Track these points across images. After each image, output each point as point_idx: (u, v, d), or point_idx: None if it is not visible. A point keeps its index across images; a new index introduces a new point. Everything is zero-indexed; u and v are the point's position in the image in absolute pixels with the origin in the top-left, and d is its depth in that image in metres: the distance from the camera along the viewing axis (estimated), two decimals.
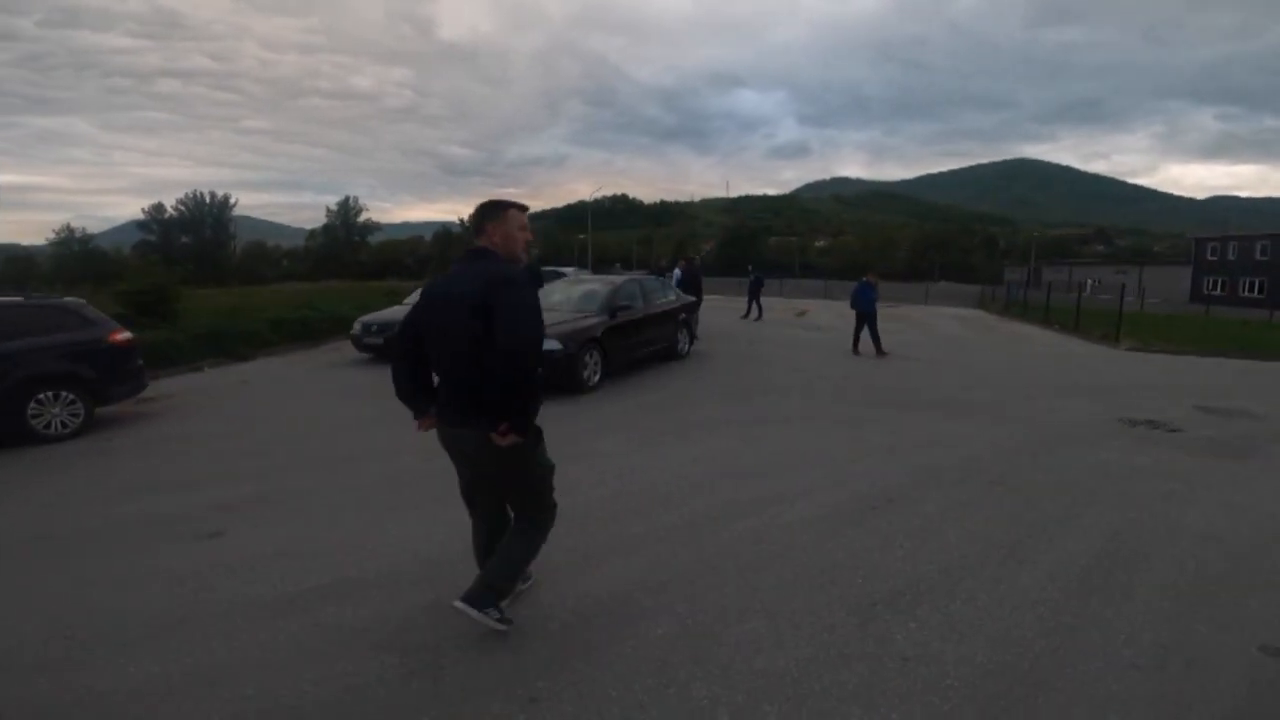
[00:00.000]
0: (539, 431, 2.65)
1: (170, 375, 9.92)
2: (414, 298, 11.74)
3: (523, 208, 2.66)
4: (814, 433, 6.27)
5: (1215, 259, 51.01)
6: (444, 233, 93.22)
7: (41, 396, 6.23)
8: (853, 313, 12.27)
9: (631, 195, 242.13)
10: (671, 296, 10.87)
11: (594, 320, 8.66)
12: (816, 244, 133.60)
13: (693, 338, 11.25)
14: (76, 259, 68.34)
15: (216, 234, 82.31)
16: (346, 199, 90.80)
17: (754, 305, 18.61)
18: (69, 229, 77.91)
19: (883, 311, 12.99)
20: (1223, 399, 8.38)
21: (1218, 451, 5.77)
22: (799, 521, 4.00)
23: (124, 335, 7.05)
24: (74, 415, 6.41)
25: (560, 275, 15.65)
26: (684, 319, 10.87)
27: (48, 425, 6.24)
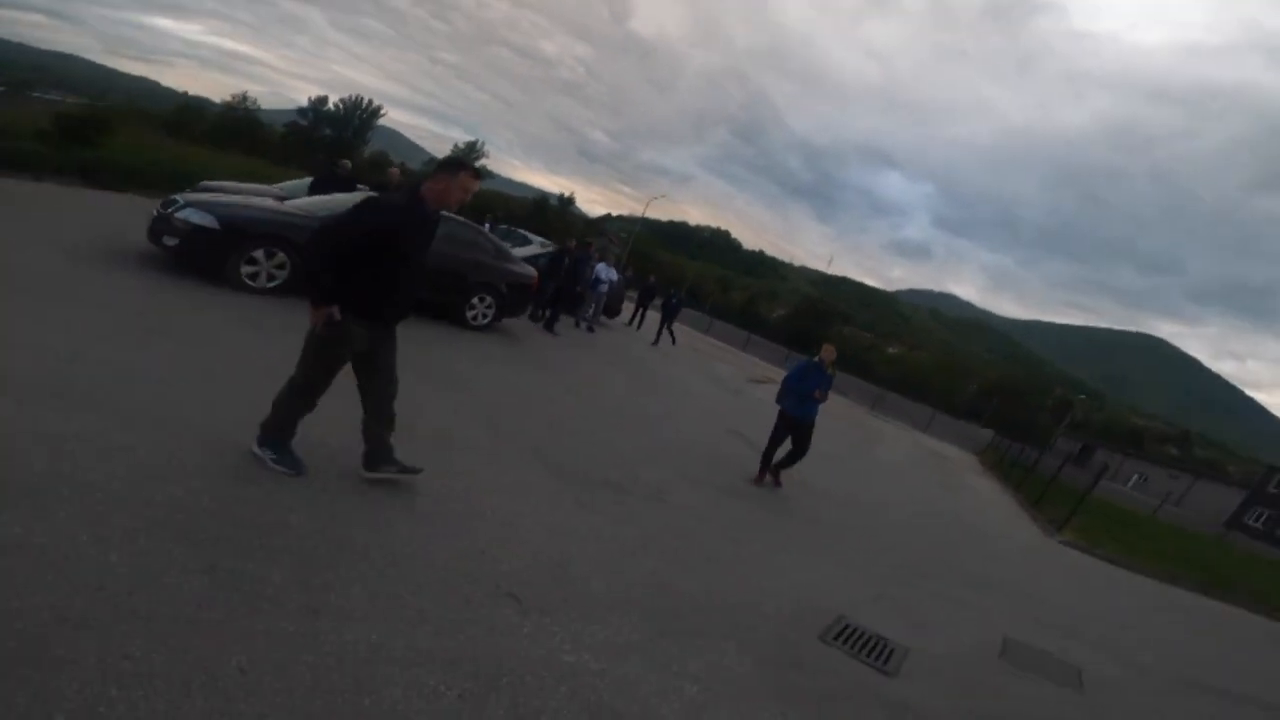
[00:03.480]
0: (332, 323, 2.89)
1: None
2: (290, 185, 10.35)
3: (477, 175, 3.04)
4: None
5: (1278, 492, 43.87)
6: (541, 200, 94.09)
7: None
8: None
9: (734, 234, 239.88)
10: (493, 261, 8.54)
11: (300, 223, 6.54)
12: (889, 350, 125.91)
13: (500, 314, 8.82)
14: (233, 120, 73.16)
15: (355, 136, 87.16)
16: (474, 141, 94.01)
17: (665, 330, 16.05)
18: (244, 96, 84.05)
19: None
20: (1079, 632, 5.37)
21: None
22: None
23: None
24: None
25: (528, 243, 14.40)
26: (498, 288, 8.52)
27: None
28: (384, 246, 2.87)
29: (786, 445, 6.73)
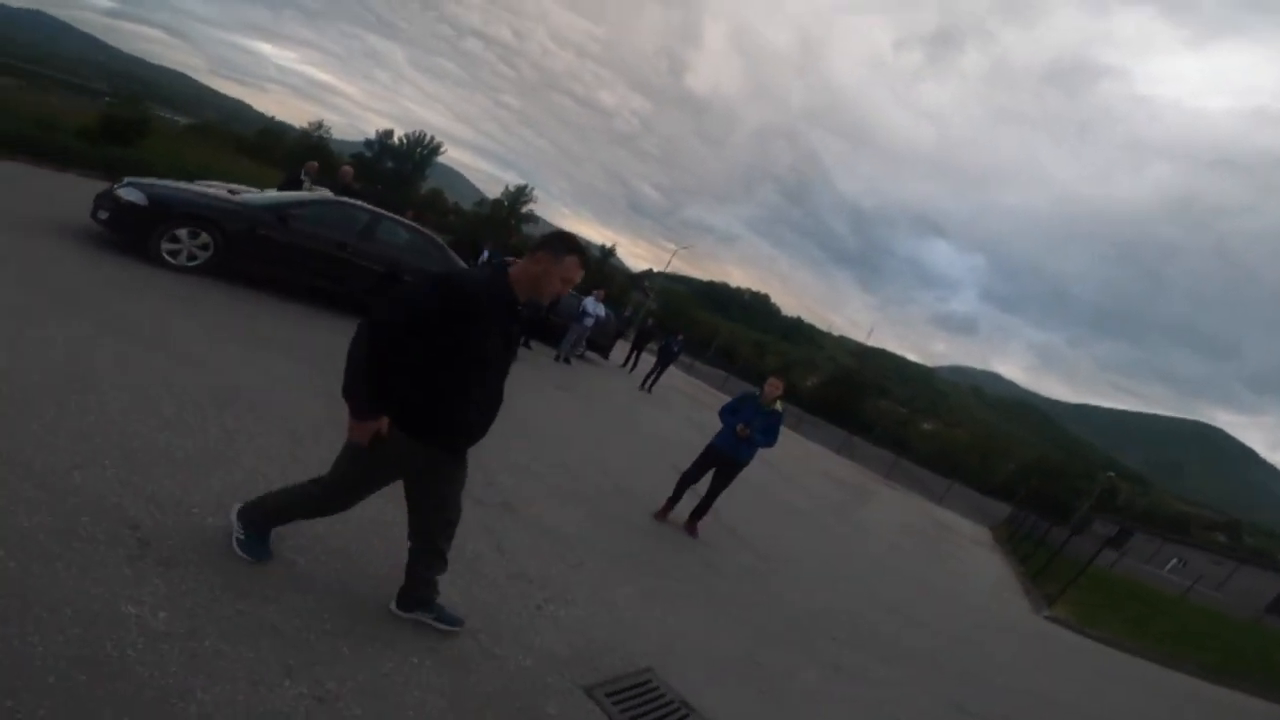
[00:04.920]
0: (399, 441, 2.23)
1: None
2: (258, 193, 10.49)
3: (586, 263, 2.34)
4: None
5: None
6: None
7: None
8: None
9: (774, 299, 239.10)
10: (439, 269, 8.26)
11: (228, 206, 6.65)
12: (924, 425, 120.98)
13: None
14: (306, 147, 79.19)
15: (415, 170, 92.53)
16: (525, 186, 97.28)
17: (655, 374, 15.39)
18: (320, 124, 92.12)
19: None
20: None
21: None
22: None
23: None
24: None
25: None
26: None
27: None
28: (456, 343, 2.12)
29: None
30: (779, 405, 5.89)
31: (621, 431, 9.19)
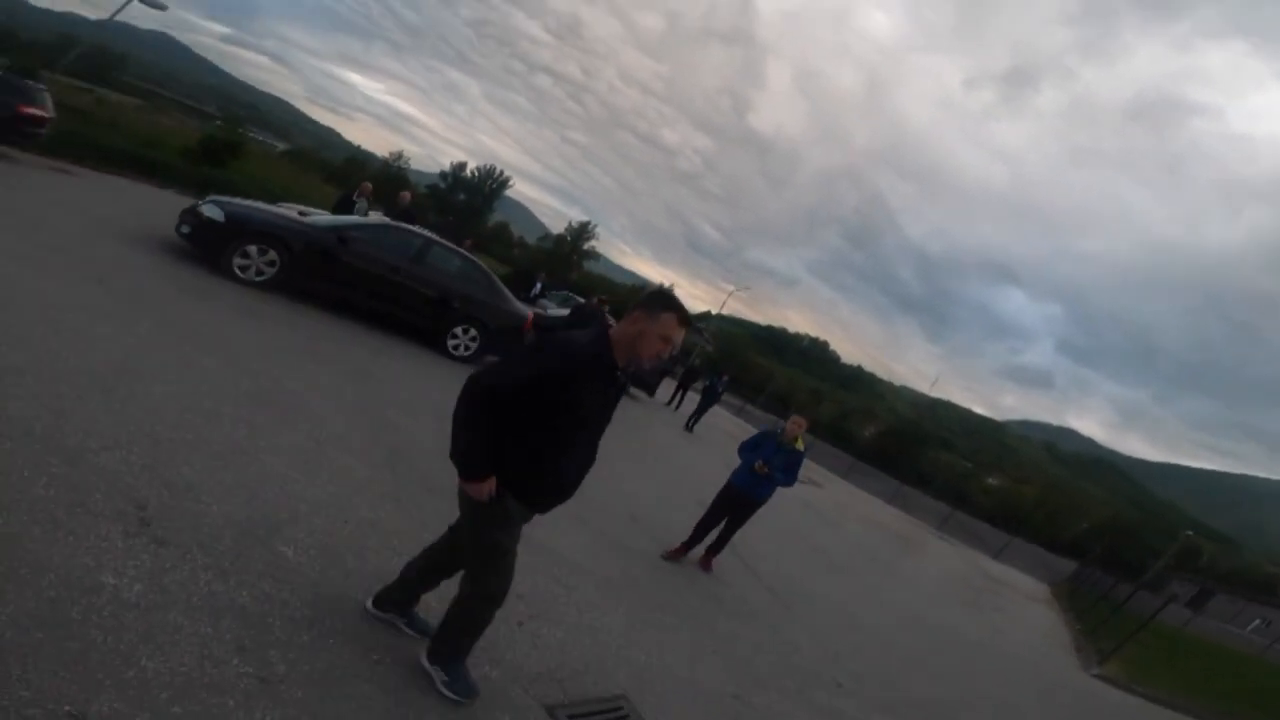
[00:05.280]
0: (498, 506, 2.22)
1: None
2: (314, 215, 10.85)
3: (685, 321, 2.26)
4: None
5: None
6: (640, 288, 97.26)
7: None
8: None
9: (833, 346, 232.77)
10: (484, 296, 8.52)
11: (296, 226, 7.21)
12: (988, 480, 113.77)
13: (485, 351, 8.66)
14: (385, 176, 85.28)
15: (485, 203, 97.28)
16: (587, 222, 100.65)
17: (697, 413, 15.34)
18: (400, 154, 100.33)
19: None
20: None
21: None
22: None
23: (32, 111, 8.38)
24: None
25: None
26: (485, 324, 8.50)
27: None
28: (558, 406, 2.13)
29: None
30: (800, 444, 5.77)
31: (652, 465, 9.15)
